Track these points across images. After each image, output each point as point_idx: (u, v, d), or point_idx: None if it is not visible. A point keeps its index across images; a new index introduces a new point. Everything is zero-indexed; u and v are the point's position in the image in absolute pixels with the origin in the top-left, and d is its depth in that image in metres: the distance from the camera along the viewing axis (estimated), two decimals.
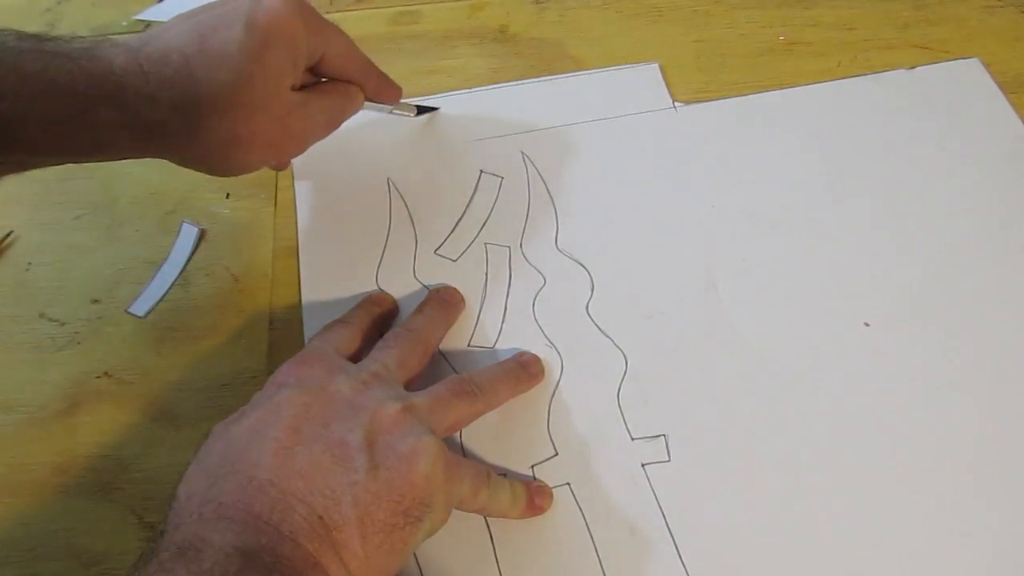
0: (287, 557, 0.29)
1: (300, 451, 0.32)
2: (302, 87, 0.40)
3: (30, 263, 0.47)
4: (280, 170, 0.48)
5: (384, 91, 0.45)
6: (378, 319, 0.42)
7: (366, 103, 0.44)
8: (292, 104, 0.38)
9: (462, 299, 0.44)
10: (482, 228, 0.46)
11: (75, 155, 0.37)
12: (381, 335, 0.40)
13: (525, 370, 0.40)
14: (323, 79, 0.42)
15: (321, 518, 0.30)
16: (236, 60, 0.35)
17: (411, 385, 0.38)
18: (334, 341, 0.39)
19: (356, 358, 0.39)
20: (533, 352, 0.42)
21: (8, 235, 0.48)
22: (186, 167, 0.39)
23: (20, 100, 0.33)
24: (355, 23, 0.56)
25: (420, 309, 0.42)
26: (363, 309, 0.42)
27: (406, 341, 0.39)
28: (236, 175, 0.40)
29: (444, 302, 0.43)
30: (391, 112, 0.48)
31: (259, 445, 0.32)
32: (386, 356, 0.38)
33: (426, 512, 0.32)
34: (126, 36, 0.36)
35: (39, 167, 0.38)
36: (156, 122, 0.35)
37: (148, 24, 0.57)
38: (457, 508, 0.35)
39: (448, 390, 0.37)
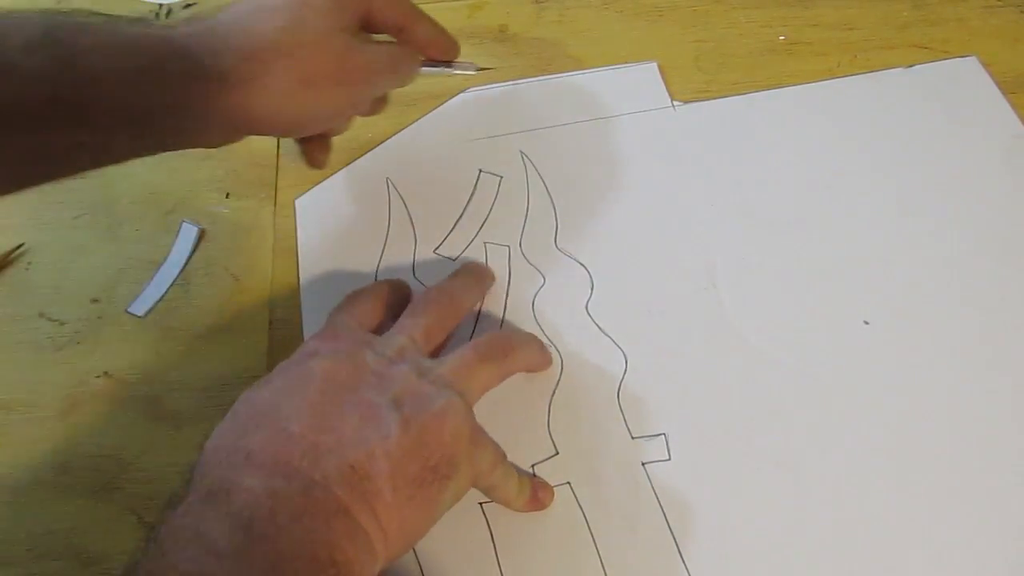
0: (318, 501, 0.29)
1: (331, 411, 0.32)
2: None
3: (30, 263, 0.47)
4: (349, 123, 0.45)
5: (440, 42, 0.43)
6: (400, 298, 0.42)
7: (424, 68, 0.43)
8: (350, 42, 0.39)
9: (493, 275, 0.44)
10: (481, 227, 0.46)
11: (150, 124, 0.36)
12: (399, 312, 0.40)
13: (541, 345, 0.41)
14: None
15: (352, 467, 0.30)
16: (284, 9, 0.37)
17: (436, 353, 0.38)
18: (358, 314, 0.39)
19: (378, 331, 0.39)
20: None
21: (19, 247, 0.48)
22: (265, 133, 0.40)
23: (96, 57, 0.33)
24: None
25: (455, 275, 0.42)
26: (387, 283, 0.42)
27: (436, 307, 0.39)
28: (314, 130, 0.41)
29: (477, 272, 0.43)
30: (451, 73, 0.46)
31: (289, 403, 0.32)
32: (413, 327, 0.38)
33: (454, 471, 0.33)
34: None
35: (118, 158, 0.38)
36: (224, 71, 0.35)
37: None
38: (473, 483, 0.35)
39: (474, 354, 0.37)
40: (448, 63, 0.45)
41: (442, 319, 0.39)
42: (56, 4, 0.58)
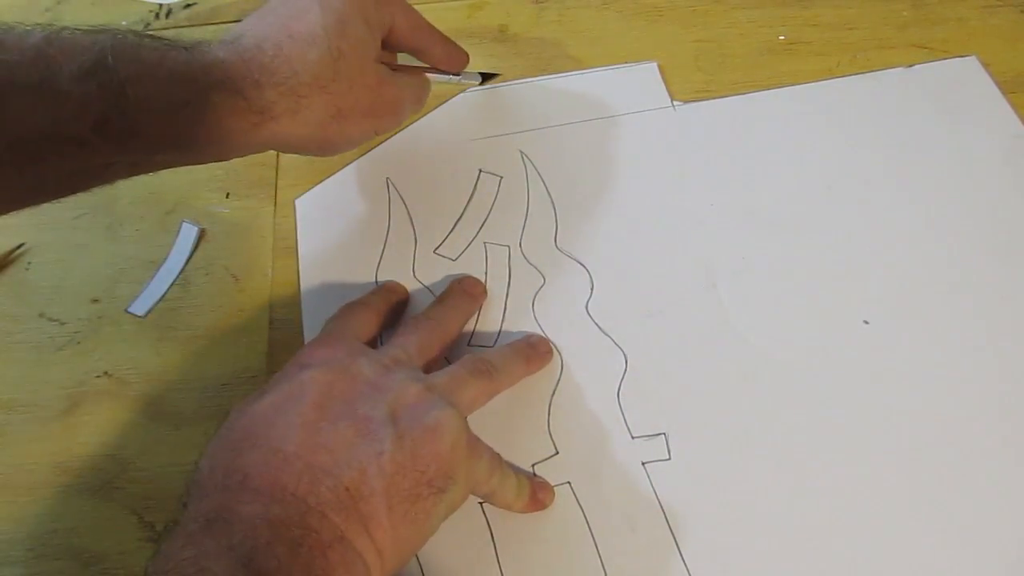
0: (314, 530, 0.29)
1: (325, 427, 0.32)
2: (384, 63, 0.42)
3: (30, 263, 0.47)
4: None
5: (453, 57, 0.46)
6: (394, 305, 0.43)
7: (435, 76, 0.46)
8: (382, 74, 0.40)
9: (484, 290, 0.44)
10: (481, 227, 0.46)
11: (188, 150, 0.37)
12: (394, 323, 0.42)
13: (535, 350, 0.41)
14: (396, 55, 0.44)
15: (348, 489, 0.31)
16: (323, 39, 0.37)
17: (428, 371, 0.38)
18: (353, 324, 0.40)
19: (372, 342, 0.40)
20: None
21: (19, 247, 0.48)
22: (292, 152, 0.41)
23: (145, 87, 0.34)
24: None
25: (442, 299, 0.43)
26: (381, 295, 0.43)
27: (426, 329, 0.40)
28: (340, 151, 0.42)
29: (466, 293, 0.43)
30: (459, 82, 0.49)
31: (284, 420, 0.32)
32: (407, 341, 0.38)
33: (449, 484, 0.33)
34: (218, 38, 0.37)
35: (148, 171, 0.39)
36: (265, 105, 0.36)
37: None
38: (472, 492, 0.35)
39: (465, 370, 0.37)
40: (456, 73, 0.47)
41: (432, 339, 0.39)
42: (55, 3, 0.59)
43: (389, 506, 0.31)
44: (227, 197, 0.49)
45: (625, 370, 0.41)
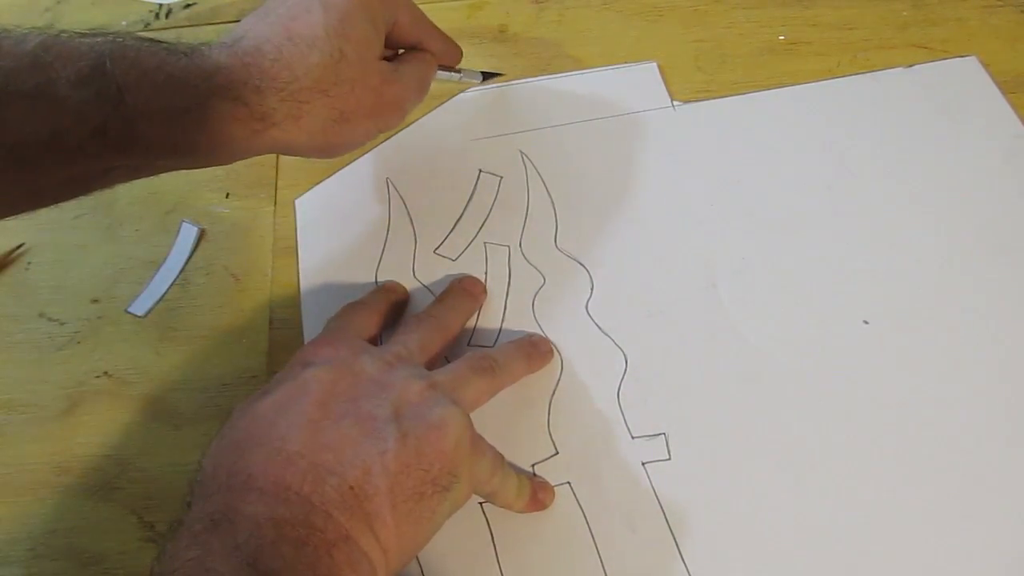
0: (319, 529, 0.29)
1: (328, 425, 0.32)
2: (385, 58, 0.41)
3: (30, 263, 0.47)
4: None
5: (450, 51, 0.45)
6: (394, 305, 0.43)
7: (437, 73, 0.45)
8: (384, 72, 0.39)
9: (484, 289, 0.44)
10: (481, 227, 0.46)
11: (189, 155, 0.36)
12: (394, 323, 0.42)
13: (536, 348, 0.41)
14: (398, 50, 0.43)
15: (352, 488, 0.31)
16: (324, 41, 0.36)
17: (429, 369, 0.38)
18: (355, 323, 0.40)
19: (373, 341, 0.40)
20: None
21: (19, 247, 0.48)
22: (295, 155, 0.40)
23: (143, 93, 0.33)
24: None
25: (442, 298, 0.43)
26: (381, 294, 0.43)
27: (428, 326, 0.40)
28: (343, 153, 0.41)
29: (466, 292, 0.43)
30: (460, 80, 0.48)
31: (287, 419, 0.32)
32: (408, 339, 0.38)
33: (453, 482, 0.33)
34: (217, 39, 0.37)
35: (148, 174, 0.38)
36: (266, 111, 0.36)
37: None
38: (473, 491, 0.35)
39: (467, 367, 0.37)
40: (458, 71, 0.47)
41: (433, 338, 0.39)
42: (55, 3, 0.58)
43: (393, 504, 0.31)
44: (227, 197, 0.49)
45: (625, 370, 0.41)
